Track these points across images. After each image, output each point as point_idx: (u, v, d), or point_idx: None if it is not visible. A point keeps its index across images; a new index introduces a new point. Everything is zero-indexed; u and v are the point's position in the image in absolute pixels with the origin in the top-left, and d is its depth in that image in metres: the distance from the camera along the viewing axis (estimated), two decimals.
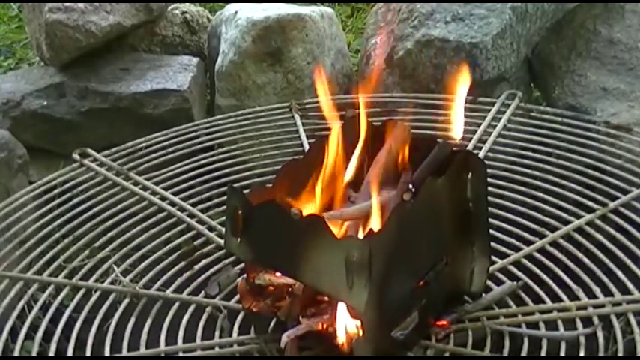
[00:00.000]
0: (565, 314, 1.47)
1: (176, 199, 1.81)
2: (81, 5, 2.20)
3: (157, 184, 1.85)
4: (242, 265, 1.57)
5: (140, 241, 1.71)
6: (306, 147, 1.90)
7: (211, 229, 1.74)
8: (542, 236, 1.64)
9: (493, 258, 1.56)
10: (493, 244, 1.57)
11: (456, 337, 1.45)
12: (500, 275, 1.57)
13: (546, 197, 1.73)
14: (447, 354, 1.43)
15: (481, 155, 1.80)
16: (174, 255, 1.68)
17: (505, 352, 1.42)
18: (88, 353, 1.47)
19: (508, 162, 1.84)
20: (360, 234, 1.36)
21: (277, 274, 1.43)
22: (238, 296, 1.51)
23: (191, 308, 1.56)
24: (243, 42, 2.16)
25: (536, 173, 1.80)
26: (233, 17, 2.22)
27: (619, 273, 1.52)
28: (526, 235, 1.65)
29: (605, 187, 1.73)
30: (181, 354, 1.47)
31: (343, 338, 1.37)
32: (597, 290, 1.50)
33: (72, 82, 2.24)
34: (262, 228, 1.36)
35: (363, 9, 2.91)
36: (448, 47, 2.02)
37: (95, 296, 1.59)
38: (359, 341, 1.34)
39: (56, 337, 1.49)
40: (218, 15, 2.36)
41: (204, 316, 1.54)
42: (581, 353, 1.39)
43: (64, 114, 2.22)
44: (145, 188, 1.85)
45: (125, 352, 1.47)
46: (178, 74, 2.24)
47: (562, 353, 1.40)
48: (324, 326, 1.39)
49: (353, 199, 1.45)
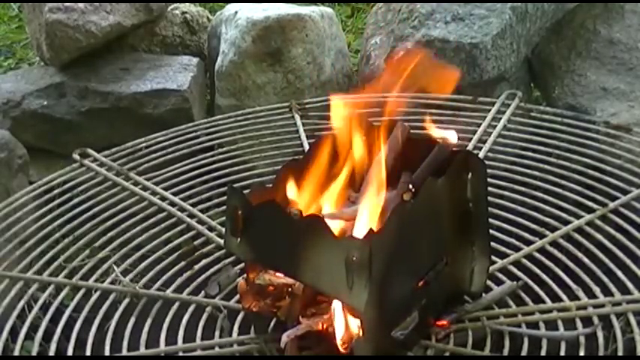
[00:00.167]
0: (565, 314, 1.47)
1: (176, 199, 1.81)
2: (81, 5, 2.20)
3: (157, 184, 1.85)
4: (242, 265, 1.57)
5: (140, 241, 1.71)
6: (306, 147, 1.90)
7: (211, 229, 1.73)
8: (542, 236, 1.64)
9: (493, 258, 1.56)
10: (493, 244, 1.57)
11: (456, 337, 1.45)
12: (500, 275, 1.57)
13: (546, 197, 1.73)
14: (447, 354, 1.43)
15: (481, 155, 1.80)
16: (174, 255, 1.68)
17: (505, 352, 1.42)
18: (88, 353, 1.47)
19: (508, 162, 1.83)
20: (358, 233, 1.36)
21: (277, 274, 1.43)
22: (238, 296, 1.51)
23: (191, 308, 1.56)
24: (243, 42, 2.16)
25: (536, 173, 1.80)
26: (233, 17, 2.22)
27: (619, 273, 1.52)
28: (526, 235, 1.65)
29: (605, 187, 1.73)
30: (181, 354, 1.47)
31: (343, 338, 1.37)
32: (597, 290, 1.50)
33: (72, 82, 2.24)
34: (262, 228, 1.36)
35: (363, 9, 2.91)
36: (448, 47, 2.02)
37: (95, 296, 1.59)
38: (359, 341, 1.34)
39: (56, 337, 1.49)
40: (218, 15, 2.36)
41: (204, 316, 1.53)
42: (581, 353, 1.39)
43: (64, 114, 2.22)
44: (145, 188, 1.85)
45: (125, 352, 1.47)
46: (178, 74, 2.24)
47: (562, 353, 1.40)
48: (324, 326, 1.39)
49: (353, 199, 1.45)
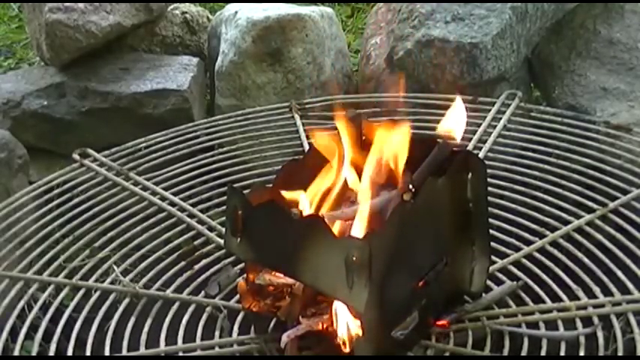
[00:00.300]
0: (565, 314, 1.47)
1: (176, 199, 1.81)
2: (81, 5, 2.19)
3: (157, 184, 1.85)
4: (242, 265, 1.57)
5: (140, 241, 1.71)
6: (306, 147, 1.90)
7: (211, 229, 1.73)
8: (542, 236, 1.64)
9: (493, 258, 1.56)
10: (493, 244, 1.57)
11: (456, 337, 1.45)
12: (500, 275, 1.57)
13: (546, 197, 1.73)
14: (447, 354, 1.43)
15: (481, 155, 1.80)
16: (174, 255, 1.68)
17: (505, 352, 1.42)
18: (88, 353, 1.47)
19: (508, 162, 1.83)
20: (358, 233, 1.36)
21: (277, 274, 1.43)
22: (238, 296, 1.51)
23: (191, 308, 1.56)
24: (243, 42, 2.16)
25: (536, 173, 1.80)
26: (233, 17, 2.22)
27: (619, 273, 1.52)
28: (526, 235, 1.65)
29: (605, 187, 1.73)
30: (181, 354, 1.47)
31: (343, 338, 1.37)
32: (597, 290, 1.50)
33: (72, 82, 2.24)
34: (262, 228, 1.36)
35: (363, 9, 2.90)
36: (448, 47, 2.02)
37: (95, 296, 1.59)
38: (359, 341, 1.34)
39: (56, 337, 1.49)
40: (218, 15, 2.36)
41: (204, 316, 1.53)
42: (581, 353, 1.39)
43: (64, 114, 2.22)
44: (145, 188, 1.85)
45: (125, 352, 1.47)
46: (178, 74, 2.24)
47: (562, 353, 1.40)
48: (324, 326, 1.39)
49: (353, 199, 1.45)
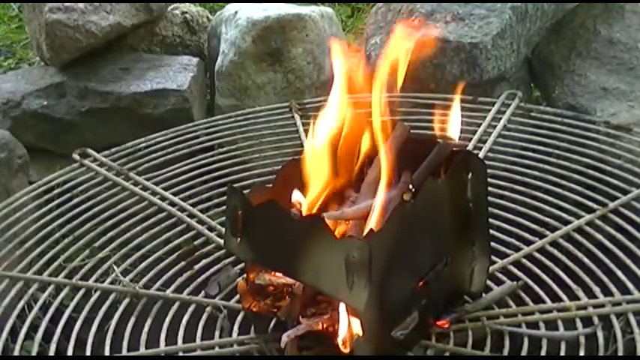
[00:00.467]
0: (565, 314, 1.47)
1: (176, 199, 1.81)
2: (81, 5, 2.20)
3: (157, 184, 1.85)
4: (242, 265, 1.57)
5: (140, 241, 1.71)
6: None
7: (211, 229, 1.73)
8: (542, 236, 1.64)
9: (493, 258, 1.56)
10: (493, 244, 1.57)
11: (456, 337, 1.45)
12: (500, 275, 1.57)
13: (546, 197, 1.73)
14: (447, 354, 1.43)
15: (481, 155, 1.80)
16: (174, 255, 1.68)
17: (505, 352, 1.42)
18: (88, 353, 1.47)
19: (508, 162, 1.83)
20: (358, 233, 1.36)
21: (277, 274, 1.43)
22: (238, 296, 1.51)
23: (191, 308, 1.56)
24: (243, 42, 2.16)
25: (536, 173, 1.80)
26: (233, 17, 2.22)
27: (619, 273, 1.52)
28: (526, 235, 1.65)
29: (605, 187, 1.73)
30: (181, 354, 1.47)
31: (343, 338, 1.37)
32: (597, 290, 1.50)
33: (72, 82, 2.24)
34: (262, 228, 1.36)
35: (363, 9, 2.90)
36: (448, 47, 2.02)
37: (95, 296, 1.59)
38: (359, 341, 1.34)
39: (56, 337, 1.49)
40: (218, 15, 2.36)
41: (204, 316, 1.53)
42: (581, 353, 1.39)
43: (64, 114, 2.22)
44: (145, 188, 1.85)
45: (125, 352, 1.47)
46: (178, 74, 2.24)
47: (562, 353, 1.40)
48: (324, 326, 1.39)
49: (353, 199, 1.45)
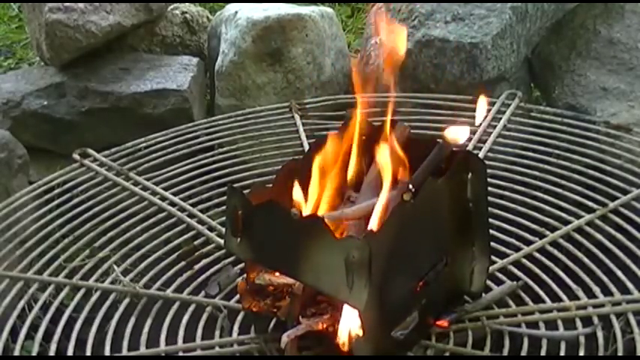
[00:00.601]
0: (565, 314, 1.47)
1: (176, 199, 1.81)
2: (81, 5, 2.19)
3: (157, 184, 1.85)
4: (242, 265, 1.57)
5: (140, 241, 1.71)
6: (306, 147, 1.90)
7: (211, 229, 1.74)
8: (542, 236, 1.64)
9: (493, 258, 1.56)
10: (493, 244, 1.57)
11: (456, 337, 1.45)
12: (500, 275, 1.57)
13: (546, 197, 1.73)
14: (447, 354, 1.43)
15: (481, 155, 1.80)
16: (174, 255, 1.68)
17: (505, 352, 1.42)
18: (88, 353, 1.47)
19: (508, 162, 1.83)
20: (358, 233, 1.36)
21: (277, 274, 1.43)
22: (238, 296, 1.51)
23: (191, 308, 1.56)
24: (243, 42, 2.16)
25: (536, 173, 1.80)
26: (233, 17, 2.22)
27: (619, 273, 1.52)
28: (526, 235, 1.65)
29: (605, 187, 1.73)
30: (181, 354, 1.47)
31: (343, 338, 1.37)
32: (597, 290, 1.50)
33: (72, 82, 2.24)
34: (262, 228, 1.36)
35: (363, 9, 2.90)
36: (448, 47, 2.02)
37: (95, 296, 1.59)
38: (359, 341, 1.34)
39: (56, 337, 1.49)
40: (218, 15, 2.36)
41: (204, 316, 1.54)
42: (581, 353, 1.39)
43: (64, 114, 2.22)
44: (145, 188, 1.85)
45: (125, 352, 1.47)
46: (178, 74, 2.24)
47: (562, 353, 1.40)
48: (324, 326, 1.39)
49: (353, 199, 1.45)
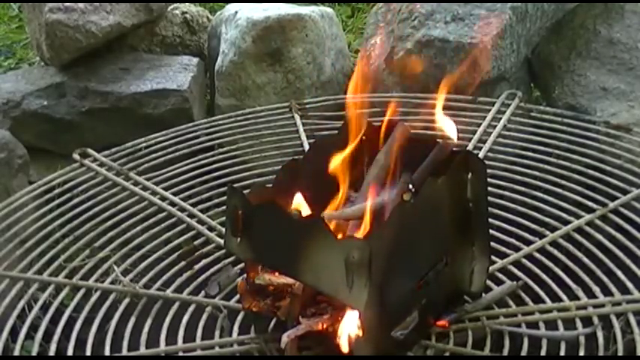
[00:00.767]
0: (565, 314, 1.47)
1: (176, 199, 1.81)
2: (81, 5, 2.19)
3: (157, 184, 1.85)
4: (242, 265, 1.57)
5: (140, 241, 1.71)
6: (306, 147, 1.90)
7: (211, 229, 1.73)
8: (542, 236, 1.64)
9: (493, 258, 1.56)
10: (493, 244, 1.57)
11: (456, 337, 1.45)
12: (500, 275, 1.57)
13: (546, 197, 1.73)
14: (447, 354, 1.43)
15: (481, 155, 1.80)
16: (174, 255, 1.68)
17: (505, 352, 1.42)
18: (88, 353, 1.47)
19: (508, 162, 1.83)
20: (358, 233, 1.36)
21: (277, 274, 1.43)
22: (238, 296, 1.51)
23: (191, 308, 1.56)
24: (243, 42, 2.16)
25: (536, 173, 1.80)
26: (233, 17, 2.22)
27: (619, 273, 1.52)
28: (526, 235, 1.65)
29: (605, 187, 1.73)
30: (181, 354, 1.47)
31: (343, 338, 1.37)
32: (597, 290, 1.50)
33: (72, 82, 2.24)
34: (262, 228, 1.36)
35: (363, 9, 2.90)
36: (448, 47, 2.02)
37: (95, 296, 1.59)
38: (359, 341, 1.34)
39: (56, 337, 1.49)
40: (218, 15, 2.36)
41: (204, 316, 1.54)
42: (581, 353, 1.39)
43: (64, 114, 2.22)
44: (145, 188, 1.85)
45: (125, 352, 1.47)
46: (178, 74, 2.24)
47: (562, 353, 1.40)
48: (324, 326, 1.39)
49: (353, 199, 1.45)
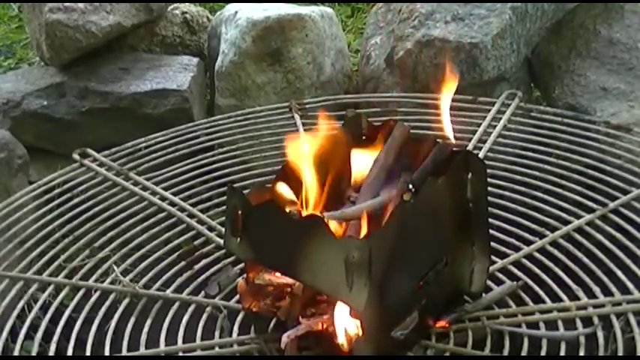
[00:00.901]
0: (565, 314, 1.47)
1: (176, 199, 1.81)
2: (81, 5, 2.19)
3: (157, 184, 1.85)
4: (242, 265, 1.57)
5: (140, 241, 1.71)
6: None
7: (211, 229, 1.73)
8: (542, 236, 1.64)
9: (493, 258, 1.56)
10: (493, 244, 1.57)
11: (456, 337, 1.45)
12: (500, 275, 1.57)
13: (546, 197, 1.73)
14: (447, 354, 1.43)
15: (481, 155, 1.80)
16: (174, 255, 1.68)
17: (505, 352, 1.42)
18: (88, 353, 1.47)
19: (508, 162, 1.83)
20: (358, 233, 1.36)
21: (277, 274, 1.43)
22: (238, 296, 1.51)
23: (191, 308, 1.56)
24: (243, 42, 2.16)
25: (536, 173, 1.80)
26: (233, 17, 2.22)
27: (619, 273, 1.52)
28: (526, 235, 1.65)
29: (605, 187, 1.73)
30: (181, 354, 1.47)
31: (343, 338, 1.37)
32: (597, 290, 1.50)
33: (72, 82, 2.24)
34: (262, 228, 1.36)
35: (363, 9, 2.90)
36: (448, 47, 2.01)
37: (95, 296, 1.59)
38: (359, 341, 1.34)
39: (56, 337, 1.49)
40: (218, 15, 2.36)
41: (204, 316, 1.54)
42: (581, 353, 1.39)
43: (64, 114, 2.22)
44: (145, 188, 1.85)
45: (125, 352, 1.47)
46: (178, 74, 2.24)
47: (562, 353, 1.40)
48: (324, 326, 1.39)
49: (353, 199, 1.45)
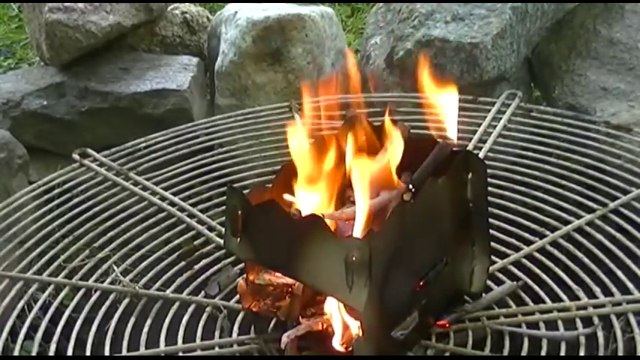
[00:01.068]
0: (565, 314, 1.47)
1: (176, 199, 1.81)
2: (81, 5, 2.20)
3: (157, 184, 1.85)
4: (242, 265, 1.57)
5: (140, 241, 1.71)
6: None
7: (211, 229, 1.73)
8: (542, 236, 1.64)
9: (493, 258, 1.56)
10: (493, 244, 1.57)
11: (456, 337, 1.45)
12: (500, 275, 1.57)
13: (546, 197, 1.73)
14: (447, 354, 1.43)
15: (481, 155, 1.80)
16: (174, 255, 1.68)
17: (505, 352, 1.42)
18: (88, 353, 1.47)
19: (508, 162, 1.83)
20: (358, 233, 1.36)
21: (277, 274, 1.43)
22: (238, 296, 1.51)
23: (191, 308, 1.56)
24: (243, 42, 2.16)
25: (536, 173, 1.80)
26: (233, 17, 2.22)
27: (619, 273, 1.52)
28: (526, 235, 1.65)
29: (605, 187, 1.73)
30: (181, 354, 1.47)
31: (343, 338, 1.37)
32: (597, 290, 1.50)
33: (72, 82, 2.24)
34: (262, 228, 1.36)
35: (363, 9, 2.90)
36: (448, 47, 2.02)
37: (95, 296, 1.59)
38: (359, 341, 1.34)
39: (56, 337, 1.49)
40: (218, 15, 2.36)
41: (204, 316, 1.54)
42: (581, 353, 1.39)
43: (64, 114, 2.22)
44: (145, 188, 1.85)
45: (125, 352, 1.47)
46: (178, 74, 2.24)
47: (562, 353, 1.40)
48: (324, 326, 1.39)
49: (353, 199, 1.45)
